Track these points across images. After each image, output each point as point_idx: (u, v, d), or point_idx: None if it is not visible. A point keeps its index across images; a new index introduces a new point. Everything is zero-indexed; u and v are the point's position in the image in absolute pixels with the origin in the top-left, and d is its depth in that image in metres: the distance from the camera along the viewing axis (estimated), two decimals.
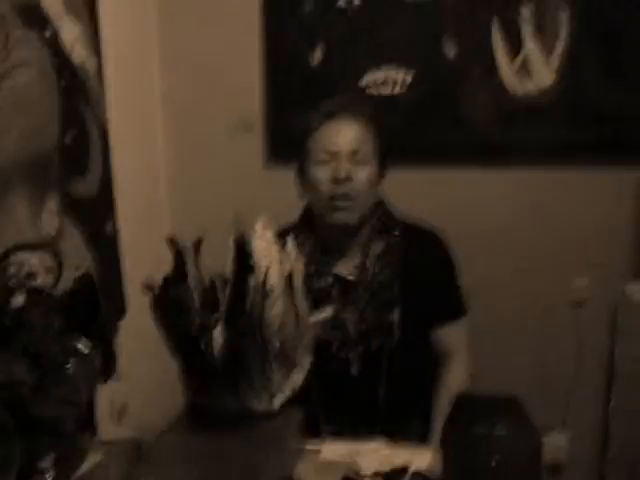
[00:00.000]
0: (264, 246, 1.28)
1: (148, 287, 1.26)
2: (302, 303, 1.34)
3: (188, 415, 1.35)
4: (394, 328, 1.62)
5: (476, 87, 2.10)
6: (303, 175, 1.66)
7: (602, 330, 2.22)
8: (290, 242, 1.33)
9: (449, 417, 1.23)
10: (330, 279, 1.64)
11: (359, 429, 1.54)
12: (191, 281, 1.26)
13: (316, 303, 1.52)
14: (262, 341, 1.23)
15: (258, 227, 1.30)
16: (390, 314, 1.62)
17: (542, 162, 2.14)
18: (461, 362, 1.69)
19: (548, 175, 2.15)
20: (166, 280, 1.26)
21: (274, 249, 1.29)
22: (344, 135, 1.60)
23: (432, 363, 1.74)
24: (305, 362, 1.35)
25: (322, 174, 1.59)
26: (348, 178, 1.57)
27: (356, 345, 1.62)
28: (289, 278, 1.29)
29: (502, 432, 1.13)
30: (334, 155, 1.58)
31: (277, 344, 1.26)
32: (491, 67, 2.09)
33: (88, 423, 1.35)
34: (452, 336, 1.68)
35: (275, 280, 1.26)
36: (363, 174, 1.59)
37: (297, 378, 1.34)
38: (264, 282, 1.23)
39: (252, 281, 1.23)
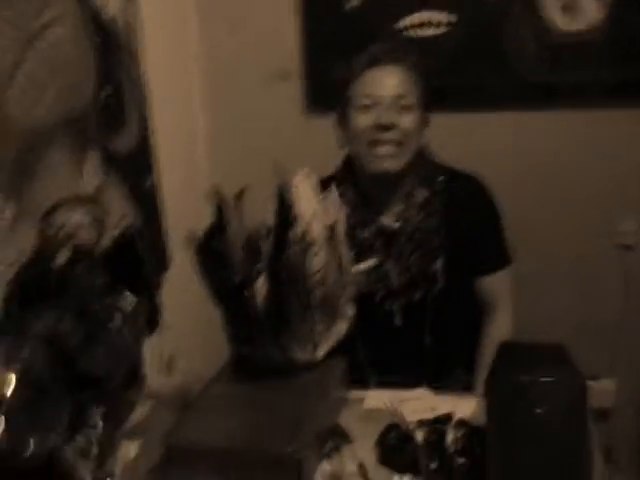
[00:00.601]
0: (306, 197, 1.27)
1: (191, 240, 1.26)
2: (345, 253, 1.33)
3: (233, 365, 1.37)
4: (438, 277, 1.61)
5: (519, 25, 2.02)
6: (344, 122, 1.63)
7: None
8: (333, 192, 1.32)
9: (493, 365, 1.22)
10: (373, 229, 1.63)
11: (404, 379, 1.53)
12: (232, 233, 1.26)
13: (359, 254, 1.54)
14: (304, 292, 1.24)
15: (300, 178, 1.29)
16: (433, 263, 1.61)
17: (589, 103, 2.07)
18: (505, 312, 1.67)
19: (594, 116, 2.08)
20: (208, 232, 1.26)
21: (316, 200, 1.29)
22: (388, 80, 1.57)
23: (476, 312, 1.73)
24: (348, 312, 1.35)
25: (364, 120, 1.57)
26: (392, 124, 1.54)
27: (400, 295, 1.62)
28: (332, 229, 1.29)
29: (546, 379, 1.12)
30: (377, 100, 1.55)
31: (319, 295, 1.26)
32: (534, 3, 2.00)
33: (136, 376, 1.38)
34: (496, 285, 1.66)
35: (317, 232, 1.25)
36: (407, 120, 1.56)
37: (340, 328, 1.34)
38: (305, 234, 1.22)
39: (293, 233, 1.22)
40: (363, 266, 1.48)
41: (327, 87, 2.14)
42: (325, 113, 1.78)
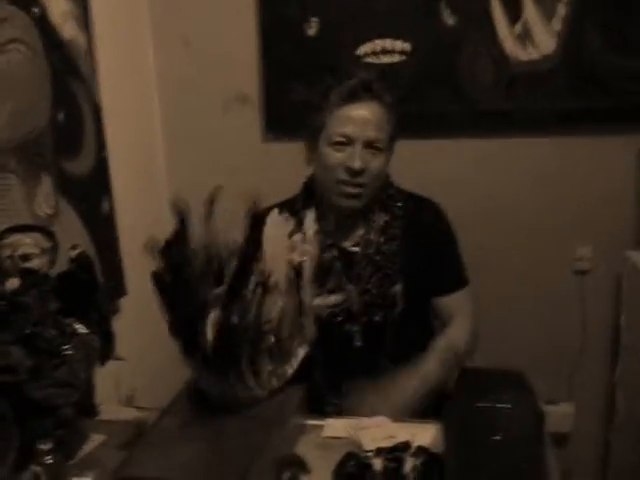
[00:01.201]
0: (276, 237, 1.25)
1: (150, 247, 1.23)
2: (308, 295, 1.31)
3: (188, 395, 1.34)
4: (397, 300, 1.61)
5: (476, 55, 2.06)
6: (313, 149, 1.60)
7: (607, 299, 2.21)
8: (309, 229, 1.30)
9: (453, 393, 1.21)
10: (334, 252, 1.62)
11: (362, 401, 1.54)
12: (195, 244, 1.22)
13: (319, 276, 1.51)
14: (255, 336, 1.21)
15: (273, 215, 1.26)
16: (393, 286, 1.61)
17: (544, 130, 2.10)
18: (464, 321, 1.65)
19: (550, 143, 2.12)
20: (169, 239, 1.23)
21: (285, 240, 1.26)
22: (365, 120, 1.52)
23: (433, 332, 1.73)
24: (300, 353, 1.33)
25: (336, 158, 1.54)
26: (362, 170, 1.52)
27: (359, 317, 1.61)
28: (298, 269, 1.27)
29: (505, 406, 1.12)
30: (351, 140, 1.52)
31: (271, 340, 1.25)
32: (491, 34, 2.04)
33: (88, 407, 1.34)
34: (455, 303, 1.66)
35: (280, 274, 1.23)
36: (377, 163, 1.55)
37: (289, 369, 1.32)
38: (268, 277, 1.20)
39: (256, 271, 1.20)
40: (327, 301, 1.48)
41: (286, 112, 2.17)
42: (283, 138, 1.77)
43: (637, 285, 2.04)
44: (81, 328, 1.24)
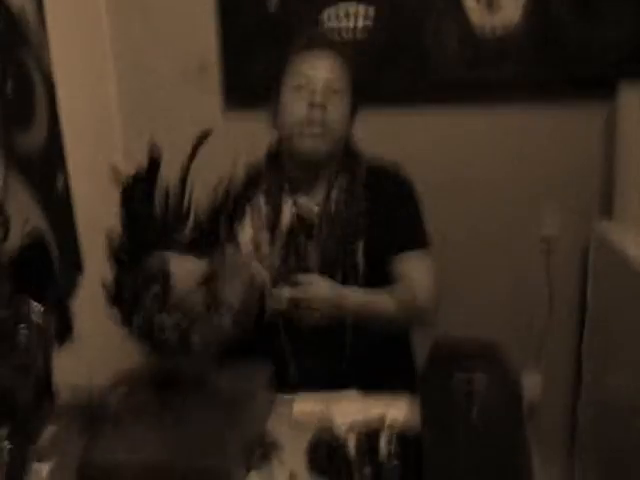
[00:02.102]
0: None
1: (116, 173, 1.18)
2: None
3: (150, 371, 1.29)
4: (358, 263, 1.60)
5: (441, 23, 2.02)
6: (277, 103, 1.63)
7: (574, 270, 2.21)
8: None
9: (427, 362, 1.19)
10: (294, 209, 1.63)
11: (330, 372, 1.55)
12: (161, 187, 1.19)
13: (280, 236, 1.61)
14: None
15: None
16: (353, 249, 1.60)
17: (509, 100, 2.07)
18: (419, 279, 1.62)
19: (516, 113, 2.09)
20: (135, 178, 1.18)
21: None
22: (322, 62, 1.60)
23: None
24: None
25: (297, 98, 1.58)
26: (323, 104, 1.55)
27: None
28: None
29: (481, 383, 1.09)
30: (311, 80, 1.57)
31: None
32: (457, 2, 2.00)
33: (46, 392, 1.28)
34: (409, 261, 1.63)
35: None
36: (337, 104, 1.58)
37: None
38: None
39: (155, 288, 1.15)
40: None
41: (246, 82, 2.12)
42: (244, 107, 1.72)
43: (603, 255, 2.04)
44: (37, 307, 1.18)
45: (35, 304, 1.18)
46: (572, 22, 1.98)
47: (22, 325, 1.13)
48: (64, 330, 1.27)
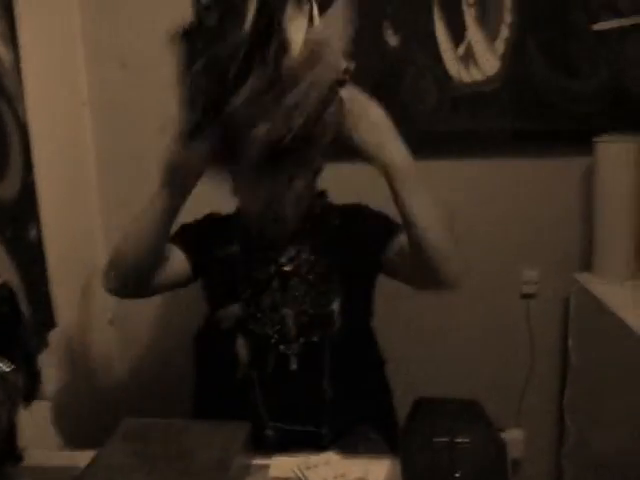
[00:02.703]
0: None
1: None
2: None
3: (125, 434, 1.25)
4: (334, 319, 1.55)
5: (419, 76, 2.03)
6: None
7: (554, 322, 2.19)
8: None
9: (408, 422, 1.15)
10: (272, 269, 1.56)
11: (305, 428, 1.52)
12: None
13: (256, 294, 1.54)
14: None
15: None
16: (330, 304, 1.55)
17: (488, 152, 2.07)
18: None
19: (494, 165, 2.09)
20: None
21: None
22: None
23: (375, 360, 1.72)
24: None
25: (250, 190, 1.48)
26: (276, 201, 1.45)
27: (297, 339, 1.55)
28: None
29: (464, 440, 1.06)
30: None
31: None
32: (435, 55, 2.01)
33: (11, 450, 1.23)
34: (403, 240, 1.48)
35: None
36: (293, 191, 1.47)
37: None
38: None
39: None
40: (227, 313, 1.51)
41: None
42: None
43: (584, 307, 2.03)
44: (3, 367, 1.14)
45: (2, 362, 1.14)
46: (549, 74, 2.00)
47: None
48: (31, 389, 1.21)
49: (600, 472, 1.90)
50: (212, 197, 1.45)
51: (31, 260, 1.69)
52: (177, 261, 1.56)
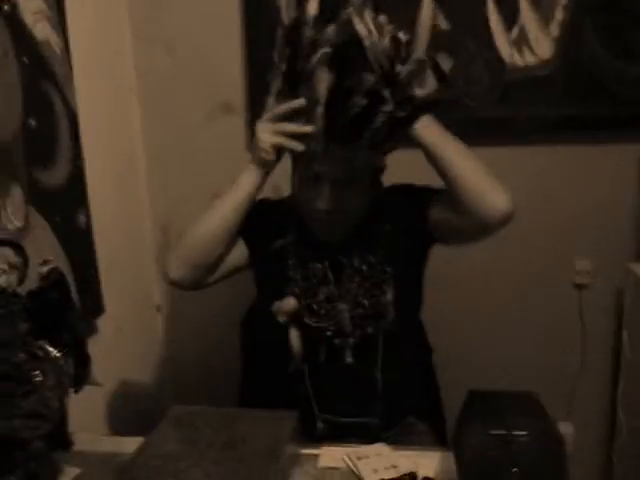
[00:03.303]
0: None
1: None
2: None
3: (173, 422, 1.24)
4: (388, 309, 1.52)
5: (471, 61, 1.97)
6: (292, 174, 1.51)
7: (608, 314, 2.13)
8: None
9: (462, 415, 1.12)
10: (326, 261, 1.53)
11: (356, 419, 1.51)
12: None
13: (312, 286, 1.52)
14: None
15: None
16: (384, 295, 1.52)
17: (542, 138, 2.02)
18: None
19: (548, 151, 2.03)
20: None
21: None
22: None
23: (426, 354, 1.69)
24: None
25: (307, 194, 1.44)
26: (336, 209, 1.42)
27: (352, 332, 1.52)
28: None
29: (521, 433, 1.02)
30: (318, 178, 1.41)
31: None
32: (487, 39, 1.96)
33: (61, 437, 1.23)
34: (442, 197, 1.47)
35: None
36: (356, 193, 1.43)
37: None
38: None
39: None
40: (283, 306, 1.47)
41: None
42: None
43: (638, 299, 1.97)
44: (53, 351, 1.14)
45: (51, 349, 1.14)
46: (606, 57, 1.93)
47: (36, 372, 1.08)
48: (81, 375, 1.21)
49: None
50: None
51: (80, 246, 1.70)
52: (237, 248, 1.53)
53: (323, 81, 1.28)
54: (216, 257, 1.47)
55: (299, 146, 1.35)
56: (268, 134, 1.38)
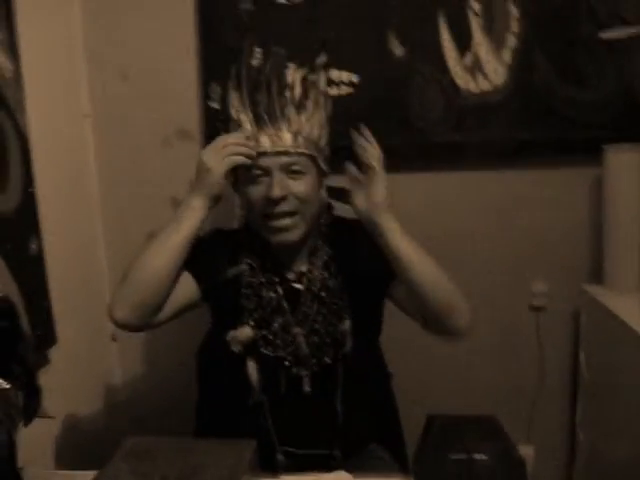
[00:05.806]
0: None
1: None
2: None
3: (126, 454, 1.21)
4: (346, 338, 1.51)
5: (425, 86, 2.00)
6: (238, 188, 1.51)
7: (565, 336, 2.15)
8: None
9: (422, 440, 1.11)
10: (280, 289, 1.51)
11: (316, 450, 1.50)
12: None
13: (267, 315, 1.49)
14: None
15: None
16: (341, 323, 1.51)
17: (496, 162, 2.04)
18: None
19: (502, 176, 2.06)
20: None
21: None
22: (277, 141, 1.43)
23: (386, 381, 1.69)
24: None
25: (256, 191, 1.44)
26: (283, 197, 1.41)
27: (308, 361, 1.50)
28: None
29: (481, 457, 1.02)
30: (266, 170, 1.42)
31: None
32: (441, 65, 1.98)
33: (10, 471, 1.18)
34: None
35: None
36: (302, 186, 1.43)
37: None
38: None
39: None
40: (238, 335, 1.46)
41: None
42: None
43: (595, 319, 2.00)
44: (2, 383, 1.10)
45: (1, 379, 1.10)
46: (557, 83, 1.97)
47: None
48: (32, 407, 1.17)
49: None
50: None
51: (32, 274, 1.66)
52: (186, 285, 1.47)
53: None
54: (163, 296, 1.41)
55: (252, 152, 1.40)
56: (218, 164, 1.39)
